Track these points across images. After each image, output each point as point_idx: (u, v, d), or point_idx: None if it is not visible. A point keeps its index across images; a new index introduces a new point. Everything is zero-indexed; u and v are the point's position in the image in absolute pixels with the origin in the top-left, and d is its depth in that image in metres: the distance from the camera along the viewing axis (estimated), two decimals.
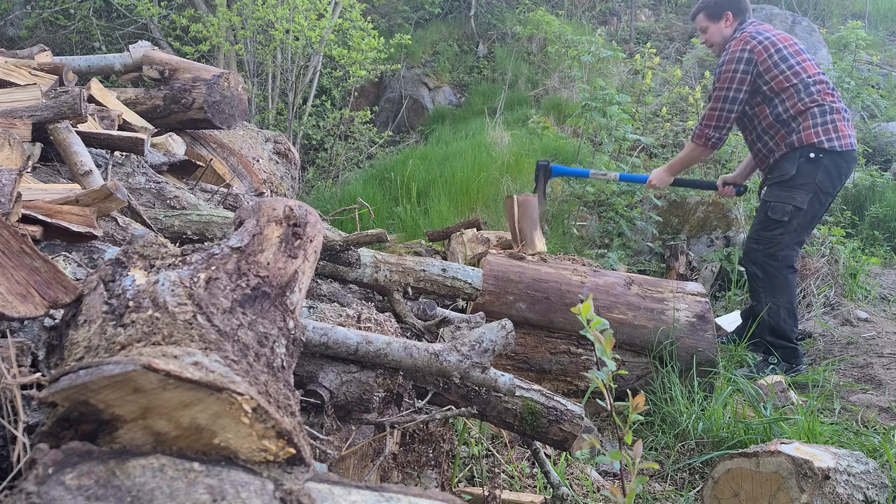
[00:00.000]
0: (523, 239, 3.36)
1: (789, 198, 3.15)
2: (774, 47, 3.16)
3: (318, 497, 0.69)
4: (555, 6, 10.33)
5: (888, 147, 7.07)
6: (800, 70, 3.15)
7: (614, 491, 1.33)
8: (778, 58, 3.16)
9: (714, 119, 3.27)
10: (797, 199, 3.14)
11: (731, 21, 3.35)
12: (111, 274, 0.97)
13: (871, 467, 1.75)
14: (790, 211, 3.14)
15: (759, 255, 3.21)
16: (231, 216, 2.16)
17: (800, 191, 3.14)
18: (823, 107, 3.12)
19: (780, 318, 3.16)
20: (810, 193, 3.14)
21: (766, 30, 3.26)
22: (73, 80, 3.06)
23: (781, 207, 3.16)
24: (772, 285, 3.19)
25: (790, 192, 3.15)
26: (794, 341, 3.21)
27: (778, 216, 3.16)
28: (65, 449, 0.64)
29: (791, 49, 3.19)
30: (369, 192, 5.58)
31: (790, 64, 3.16)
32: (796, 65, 3.16)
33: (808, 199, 3.14)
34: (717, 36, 3.39)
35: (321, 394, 1.38)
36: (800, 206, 3.14)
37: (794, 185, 3.15)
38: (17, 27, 8.21)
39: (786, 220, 3.15)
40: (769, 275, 3.19)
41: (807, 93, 3.13)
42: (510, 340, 1.53)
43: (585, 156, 5.73)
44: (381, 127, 8.47)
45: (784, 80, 3.15)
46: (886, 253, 5.30)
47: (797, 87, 3.14)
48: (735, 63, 3.18)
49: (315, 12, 6.42)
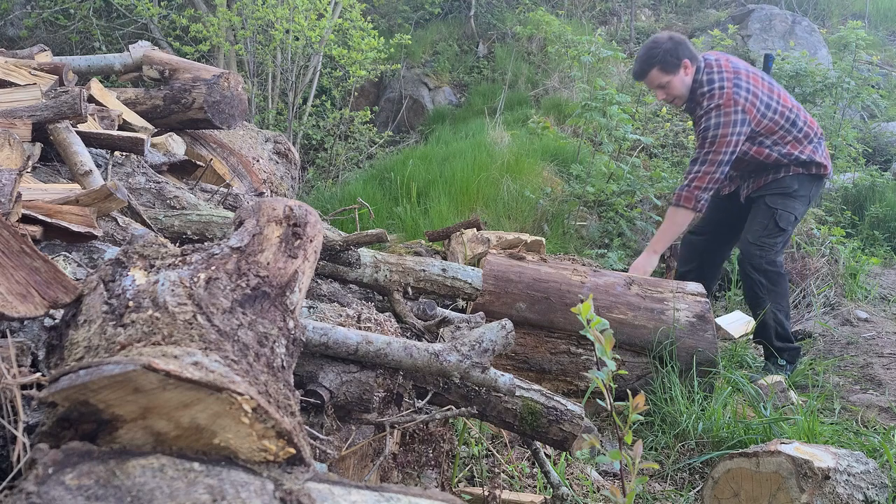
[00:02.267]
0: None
1: (793, 208, 3.22)
2: (757, 98, 3.13)
3: (318, 497, 0.69)
4: (555, 6, 10.33)
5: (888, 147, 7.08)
6: (783, 109, 3.19)
7: (614, 491, 1.33)
8: (763, 107, 3.14)
9: (707, 181, 3.14)
10: (798, 210, 3.24)
11: (690, 68, 3.19)
12: (111, 274, 0.97)
13: (871, 467, 1.75)
14: (793, 221, 3.23)
15: (762, 262, 3.20)
16: (231, 216, 2.16)
17: (800, 202, 3.23)
18: (819, 134, 3.25)
19: (783, 323, 3.20)
20: (806, 205, 3.28)
21: (736, 75, 3.14)
22: (73, 80, 3.05)
23: (787, 217, 3.20)
24: (776, 292, 3.21)
25: (794, 202, 3.22)
26: (793, 340, 3.27)
27: (784, 224, 3.21)
28: (65, 449, 0.64)
29: (764, 89, 3.17)
30: (369, 192, 5.58)
31: (773, 108, 3.17)
32: (777, 105, 3.18)
33: (803, 211, 3.27)
34: (681, 87, 3.21)
35: (321, 394, 1.38)
36: (799, 217, 3.26)
37: (797, 197, 3.22)
38: (17, 27, 8.21)
39: (788, 229, 3.23)
40: (773, 281, 3.21)
41: (797, 129, 3.20)
42: (510, 340, 1.53)
43: (585, 156, 5.73)
44: (381, 127, 8.47)
45: (773, 125, 3.17)
46: (886, 253, 5.31)
47: (785, 127, 3.20)
48: (731, 126, 3.08)
49: (315, 12, 6.42)
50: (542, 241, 3.38)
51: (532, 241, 3.34)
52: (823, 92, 5.99)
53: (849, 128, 6.11)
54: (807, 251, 4.56)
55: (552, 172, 5.99)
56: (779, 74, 5.94)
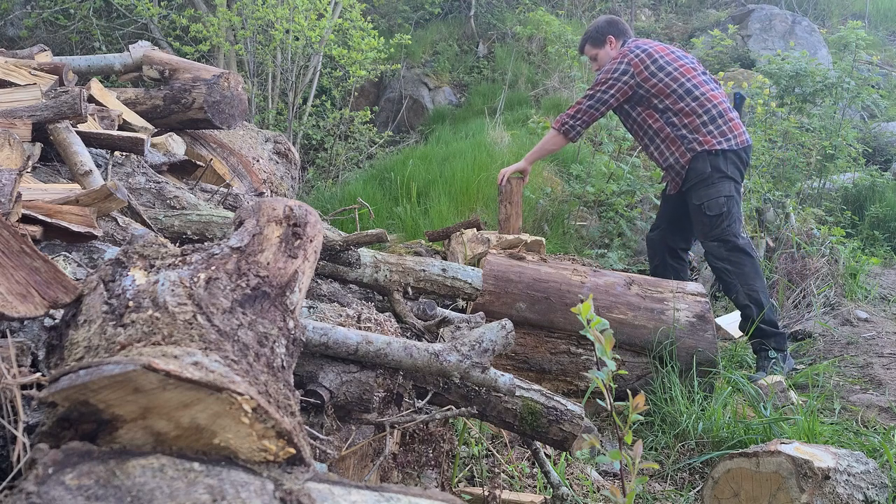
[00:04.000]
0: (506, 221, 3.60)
1: (716, 192, 3.28)
2: (650, 58, 3.36)
3: (318, 497, 0.69)
4: (555, 6, 10.33)
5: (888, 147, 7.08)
6: (678, 76, 3.34)
7: (614, 491, 1.33)
8: (655, 67, 3.35)
9: (578, 112, 3.46)
10: (724, 189, 3.28)
11: (615, 43, 3.60)
12: (111, 274, 0.97)
13: (871, 467, 1.75)
14: (724, 202, 3.27)
15: (723, 251, 3.28)
16: (231, 216, 2.16)
17: (721, 183, 3.28)
18: (712, 112, 3.30)
19: (762, 303, 3.17)
20: (731, 182, 3.30)
21: (645, 43, 3.46)
22: (73, 80, 3.05)
23: (715, 203, 3.28)
24: (744, 274, 3.24)
25: (714, 186, 3.28)
26: (779, 326, 3.23)
27: (716, 211, 3.27)
28: (65, 449, 0.64)
29: (668, 57, 3.39)
30: (369, 192, 5.58)
31: (668, 71, 3.35)
32: (674, 71, 3.35)
33: (731, 187, 3.30)
34: (606, 60, 3.60)
35: (321, 394, 1.38)
36: (729, 195, 3.28)
37: (714, 180, 3.28)
38: (17, 27, 8.21)
39: (725, 211, 3.27)
40: (738, 265, 3.26)
41: (691, 97, 3.30)
42: (510, 340, 1.53)
43: (585, 156, 5.73)
44: (381, 127, 8.47)
45: (664, 87, 3.33)
46: (886, 253, 5.31)
47: (677, 92, 3.31)
48: (612, 73, 3.39)
49: (315, 12, 6.41)
50: (542, 241, 3.37)
51: (532, 241, 3.34)
52: (823, 92, 5.99)
53: (849, 128, 6.11)
54: (807, 251, 4.56)
55: (552, 172, 5.99)
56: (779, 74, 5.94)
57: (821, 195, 6.01)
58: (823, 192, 6.05)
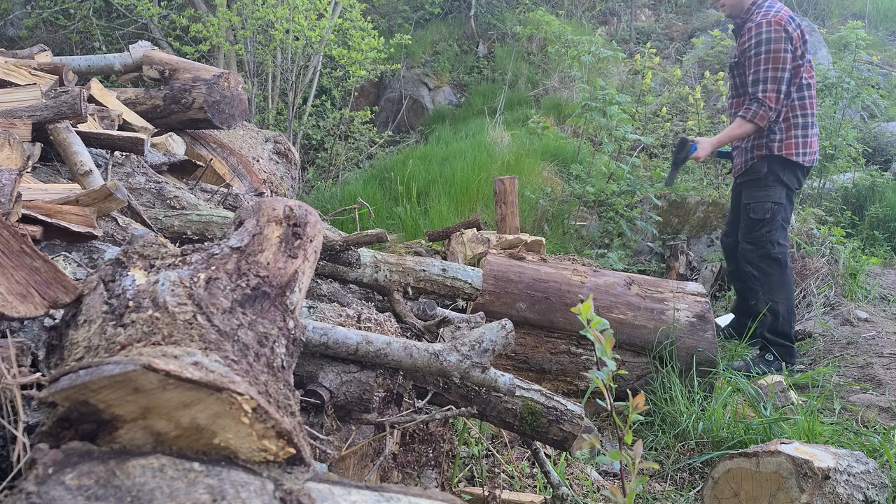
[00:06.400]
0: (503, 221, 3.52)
1: (766, 196, 3.22)
2: (801, 39, 3.16)
3: (318, 497, 0.69)
4: (555, 6, 10.33)
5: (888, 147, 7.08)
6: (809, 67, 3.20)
7: (614, 491, 1.32)
8: (802, 50, 3.16)
9: (774, 101, 3.13)
10: (774, 195, 3.22)
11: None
12: (111, 274, 0.97)
13: (871, 467, 1.75)
14: (770, 208, 3.22)
15: (754, 256, 3.26)
16: (231, 216, 2.16)
17: (774, 188, 3.22)
18: (807, 119, 3.20)
19: (779, 316, 3.17)
20: (784, 189, 3.23)
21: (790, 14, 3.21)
22: (73, 80, 3.05)
23: (761, 207, 3.23)
24: (769, 283, 3.22)
25: (766, 190, 3.23)
26: (792, 340, 3.23)
27: (759, 216, 3.23)
28: (65, 449, 0.64)
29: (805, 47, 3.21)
30: (369, 192, 5.58)
31: (806, 59, 3.18)
32: (807, 63, 3.19)
33: (783, 195, 3.23)
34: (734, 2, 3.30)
35: (321, 394, 1.38)
36: (779, 202, 3.22)
37: (768, 184, 3.23)
38: (17, 27, 8.21)
39: (769, 217, 3.22)
40: (766, 273, 3.23)
41: (798, 96, 3.19)
42: (510, 340, 1.53)
43: (585, 156, 5.73)
44: (381, 127, 8.47)
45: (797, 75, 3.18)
46: (886, 253, 5.31)
47: (799, 83, 3.18)
48: (778, 43, 3.09)
49: (315, 12, 6.42)
50: (542, 241, 3.37)
51: (532, 241, 3.34)
52: (823, 92, 5.99)
53: (849, 128, 6.11)
54: (807, 251, 4.56)
55: (552, 172, 5.99)
56: None
57: (821, 195, 6.01)
58: (823, 192, 6.05)
